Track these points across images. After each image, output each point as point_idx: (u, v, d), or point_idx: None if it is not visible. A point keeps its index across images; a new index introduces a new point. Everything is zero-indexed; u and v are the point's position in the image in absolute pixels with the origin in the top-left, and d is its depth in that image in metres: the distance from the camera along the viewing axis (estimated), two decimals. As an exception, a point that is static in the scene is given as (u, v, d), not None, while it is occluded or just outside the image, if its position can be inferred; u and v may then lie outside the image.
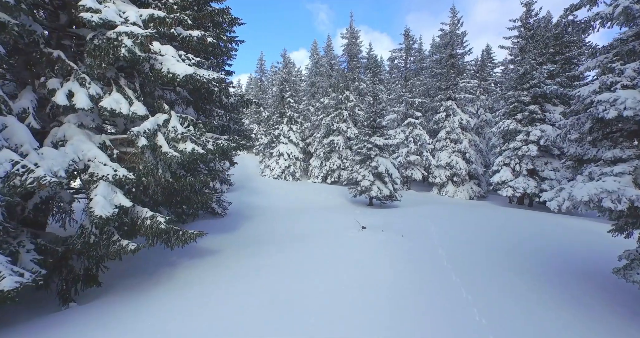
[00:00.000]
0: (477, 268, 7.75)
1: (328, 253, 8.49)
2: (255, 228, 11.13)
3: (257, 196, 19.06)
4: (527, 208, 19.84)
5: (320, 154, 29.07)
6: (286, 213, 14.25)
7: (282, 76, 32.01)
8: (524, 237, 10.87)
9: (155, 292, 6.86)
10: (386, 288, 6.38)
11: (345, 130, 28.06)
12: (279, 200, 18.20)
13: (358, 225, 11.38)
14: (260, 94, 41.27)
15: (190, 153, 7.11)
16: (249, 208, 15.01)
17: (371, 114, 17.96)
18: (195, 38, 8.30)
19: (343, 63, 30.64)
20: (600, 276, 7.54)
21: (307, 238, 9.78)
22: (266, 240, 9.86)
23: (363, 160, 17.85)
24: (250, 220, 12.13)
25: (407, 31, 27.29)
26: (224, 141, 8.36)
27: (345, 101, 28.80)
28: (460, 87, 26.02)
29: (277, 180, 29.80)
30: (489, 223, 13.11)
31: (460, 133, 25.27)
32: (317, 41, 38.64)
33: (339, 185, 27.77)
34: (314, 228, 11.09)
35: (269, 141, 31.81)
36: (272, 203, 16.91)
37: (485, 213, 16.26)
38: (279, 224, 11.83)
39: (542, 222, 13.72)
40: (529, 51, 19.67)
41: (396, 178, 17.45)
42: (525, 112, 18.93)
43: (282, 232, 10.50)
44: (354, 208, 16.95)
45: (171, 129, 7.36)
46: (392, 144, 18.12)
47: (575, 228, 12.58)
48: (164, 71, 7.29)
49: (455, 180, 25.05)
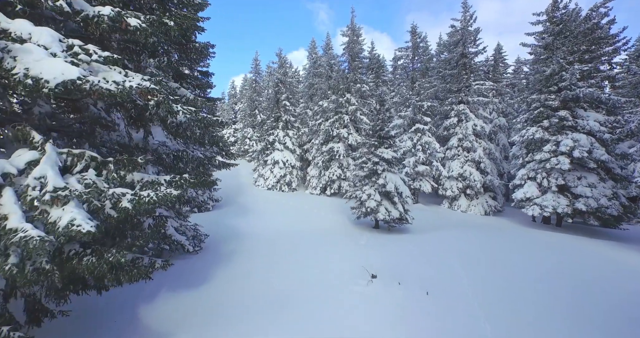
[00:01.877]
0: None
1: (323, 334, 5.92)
2: (227, 280, 8.47)
3: (243, 217, 16.49)
4: (557, 229, 17.31)
5: (318, 162, 26.53)
6: (273, 247, 11.69)
7: (278, 77, 29.47)
8: (605, 289, 8.32)
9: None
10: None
11: (346, 136, 25.53)
12: (268, 222, 15.62)
13: (365, 272, 8.83)
14: (255, 96, 38.72)
15: (65, 230, 4.01)
16: (229, 239, 12.43)
17: (377, 122, 15.43)
18: (105, 19, 5.48)
19: (343, 63, 28.12)
20: None
21: (293, 301, 7.19)
22: (236, 305, 7.17)
23: (368, 176, 15.31)
24: (225, 264, 9.51)
25: (414, 28, 24.80)
26: (164, 186, 5.59)
27: (346, 105, 26.28)
28: (474, 90, 23.51)
29: (272, 191, 27.25)
30: (533, 260, 10.58)
31: (473, 140, 22.76)
32: (315, 39, 36.08)
33: (339, 197, 25.23)
34: (305, 278, 8.51)
35: (262, 148, 29.26)
36: (259, 229, 14.34)
37: (518, 240, 13.75)
38: (259, 270, 9.17)
39: (608, 256, 11.19)
40: (557, 49, 17.16)
41: (407, 196, 14.91)
42: (554, 118, 16.41)
43: (260, 289, 7.87)
44: (358, 234, 14.40)
45: (34, 182, 4.35)
46: (401, 157, 15.55)
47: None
48: (19, 72, 4.19)
49: (468, 193, 22.52)
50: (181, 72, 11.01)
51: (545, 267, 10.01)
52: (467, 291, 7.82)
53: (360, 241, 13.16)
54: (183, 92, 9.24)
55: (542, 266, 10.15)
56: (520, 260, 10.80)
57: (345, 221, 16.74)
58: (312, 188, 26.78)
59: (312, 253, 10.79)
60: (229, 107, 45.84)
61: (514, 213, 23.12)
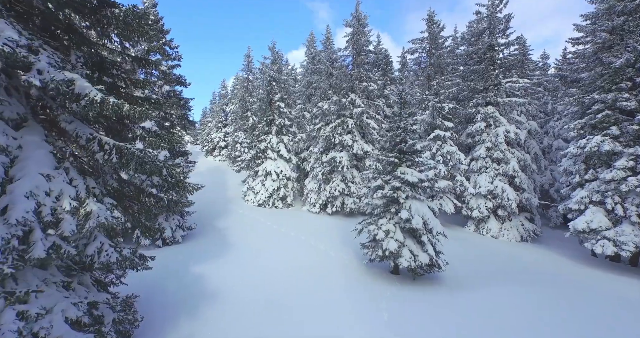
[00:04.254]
0: None
1: None
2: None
3: (216, 259, 12.42)
4: (634, 272, 13.29)
5: (318, 174, 22.51)
6: (247, 325, 7.73)
7: (270, 75, 25.44)
8: None
9: None
10: None
11: (351, 144, 21.54)
12: (249, 267, 11.57)
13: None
14: (247, 96, 34.70)
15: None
16: (180, 315, 8.39)
17: (397, 132, 11.42)
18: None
19: (347, 58, 24.14)
20: None
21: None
22: None
23: (386, 206, 11.30)
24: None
25: (431, 15, 20.81)
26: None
27: (350, 107, 22.28)
28: (505, 89, 19.52)
29: (263, 208, 23.21)
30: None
31: (506, 150, 18.77)
32: (314, 33, 32.05)
33: (341, 217, 21.22)
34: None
35: (253, 156, 25.22)
36: (234, 283, 10.29)
37: (611, 307, 9.74)
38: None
39: None
40: (630, 32, 13.16)
41: (438, 232, 10.90)
42: (634, 125, 12.40)
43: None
44: (373, 287, 10.40)
45: None
46: (431, 178, 11.55)
47: None
48: None
49: (499, 214, 18.53)
50: (101, 56, 6.98)
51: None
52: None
53: (380, 303, 9.14)
54: (82, 87, 5.32)
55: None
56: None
57: (352, 261, 12.70)
58: (311, 204, 22.76)
59: None
60: (219, 108, 41.84)
61: (554, 238, 19.12)
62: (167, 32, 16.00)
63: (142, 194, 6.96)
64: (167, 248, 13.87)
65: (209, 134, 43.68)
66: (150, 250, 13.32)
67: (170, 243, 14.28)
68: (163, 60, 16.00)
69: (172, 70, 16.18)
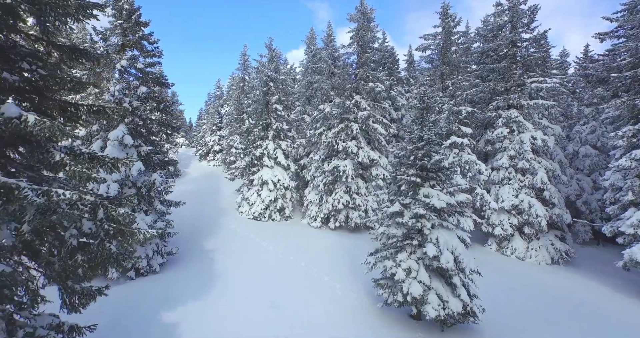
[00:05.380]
0: None
1: None
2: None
3: (196, 300, 10.19)
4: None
5: (319, 185, 20.32)
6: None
7: (267, 74, 23.26)
8: None
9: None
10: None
11: (356, 152, 19.34)
12: (233, 313, 9.36)
13: None
14: (243, 97, 32.50)
15: None
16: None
17: (419, 144, 9.24)
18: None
19: (350, 56, 21.90)
20: None
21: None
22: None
23: (406, 236, 9.10)
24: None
25: (445, 8, 18.63)
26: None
27: (354, 110, 20.09)
28: (530, 90, 17.34)
29: (258, 222, 21.02)
30: None
31: (532, 159, 16.60)
32: (314, 30, 29.84)
33: (346, 232, 19.03)
34: None
35: (248, 164, 23.02)
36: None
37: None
38: None
39: None
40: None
41: (472, 271, 8.72)
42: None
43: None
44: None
45: None
46: (461, 202, 9.39)
47: None
48: None
49: (526, 232, 16.35)
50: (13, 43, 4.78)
51: None
52: None
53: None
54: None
55: None
56: None
57: (363, 300, 10.50)
58: (311, 218, 20.56)
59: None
60: (214, 110, 39.57)
61: (587, 258, 16.94)
62: (145, 24, 13.79)
63: (64, 248, 4.74)
64: (141, 279, 11.66)
65: (203, 138, 41.44)
66: (119, 284, 11.12)
67: (146, 272, 12.07)
68: (140, 56, 13.79)
69: (151, 68, 13.99)
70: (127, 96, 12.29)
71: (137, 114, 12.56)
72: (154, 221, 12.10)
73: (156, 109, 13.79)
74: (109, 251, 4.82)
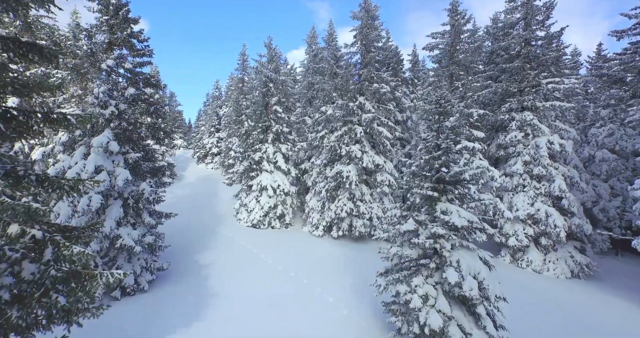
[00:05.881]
0: None
1: None
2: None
3: (186, 328, 9.17)
4: None
5: (321, 191, 19.29)
6: None
7: (267, 74, 22.26)
8: None
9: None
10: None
11: (360, 156, 18.30)
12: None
13: None
14: (242, 98, 31.48)
15: None
16: None
17: (436, 154, 8.22)
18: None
19: (354, 55, 20.89)
20: None
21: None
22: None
23: (422, 258, 8.07)
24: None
25: (455, 4, 17.59)
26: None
27: (358, 112, 19.07)
28: (546, 91, 16.32)
29: (257, 230, 20.01)
30: None
31: (548, 164, 15.57)
32: (315, 28, 28.81)
33: (350, 242, 18.02)
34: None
35: (246, 168, 21.99)
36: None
37: None
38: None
39: None
40: None
41: (497, 298, 7.69)
42: None
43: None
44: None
45: None
46: (484, 218, 8.37)
47: None
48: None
49: (543, 243, 15.31)
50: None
51: None
52: None
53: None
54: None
55: None
56: None
57: (371, 324, 9.47)
58: (313, 225, 19.53)
59: None
60: (213, 111, 38.54)
61: (608, 271, 15.86)
62: (134, 21, 12.76)
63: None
64: (127, 300, 10.63)
65: (201, 140, 40.40)
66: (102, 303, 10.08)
67: (133, 291, 11.03)
68: (129, 55, 12.77)
69: (141, 68, 12.97)
70: (113, 99, 11.29)
71: (125, 118, 11.54)
72: (141, 236, 11.08)
73: (146, 112, 12.76)
74: (55, 304, 3.73)
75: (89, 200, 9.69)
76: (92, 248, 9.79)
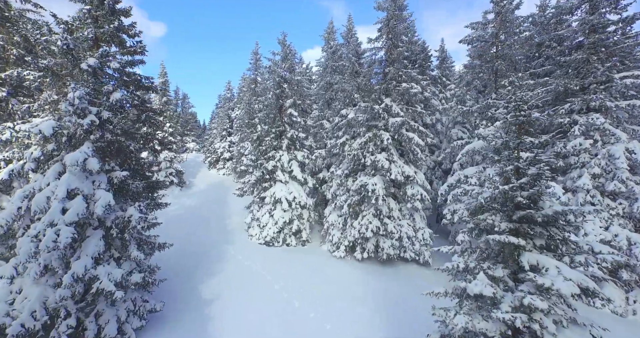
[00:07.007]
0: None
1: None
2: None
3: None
4: None
5: (342, 205, 16.91)
6: None
7: (280, 74, 20.09)
8: None
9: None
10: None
11: (387, 167, 15.78)
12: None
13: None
14: (255, 100, 29.51)
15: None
16: None
17: (516, 183, 5.70)
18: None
19: (378, 51, 18.32)
20: None
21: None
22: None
23: (504, 336, 5.56)
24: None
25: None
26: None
27: (384, 115, 16.55)
28: (619, 87, 13.29)
29: (271, 248, 17.82)
30: None
31: (628, 178, 12.54)
32: (333, 23, 26.42)
33: (377, 265, 15.53)
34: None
35: (258, 179, 19.87)
36: None
37: None
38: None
39: None
40: None
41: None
42: None
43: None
44: None
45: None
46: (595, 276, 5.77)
47: None
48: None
49: (624, 277, 12.31)
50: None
51: None
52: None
53: None
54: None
55: None
56: None
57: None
58: (333, 244, 17.14)
59: None
60: (224, 114, 36.82)
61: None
62: (124, 12, 10.80)
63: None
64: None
65: (213, 144, 38.77)
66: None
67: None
68: (119, 53, 10.81)
69: (132, 68, 10.98)
70: (94, 105, 9.29)
71: (109, 129, 9.53)
72: (128, 274, 9.00)
73: (138, 120, 10.75)
74: None
75: (56, 235, 7.67)
76: (60, 293, 7.79)
